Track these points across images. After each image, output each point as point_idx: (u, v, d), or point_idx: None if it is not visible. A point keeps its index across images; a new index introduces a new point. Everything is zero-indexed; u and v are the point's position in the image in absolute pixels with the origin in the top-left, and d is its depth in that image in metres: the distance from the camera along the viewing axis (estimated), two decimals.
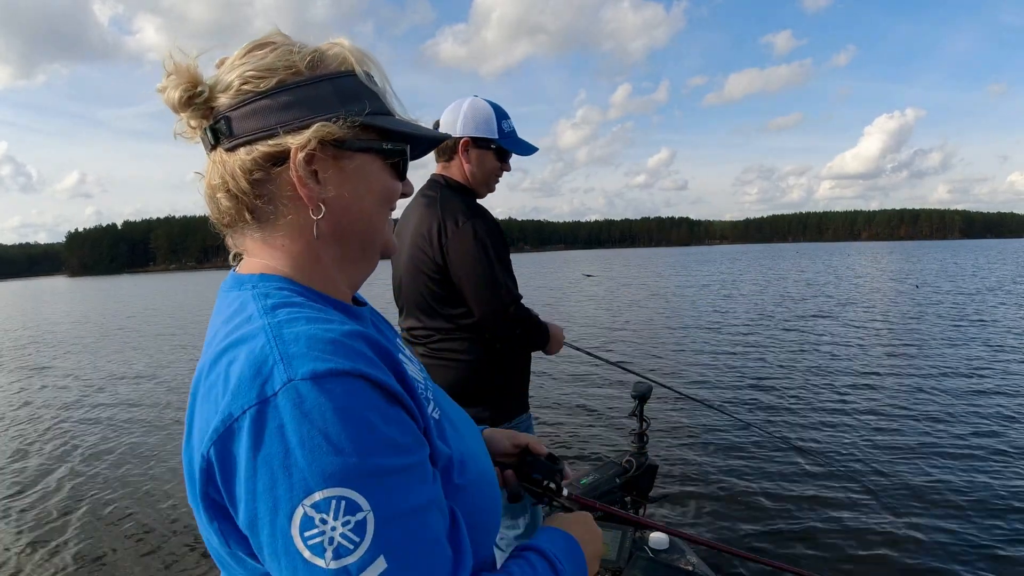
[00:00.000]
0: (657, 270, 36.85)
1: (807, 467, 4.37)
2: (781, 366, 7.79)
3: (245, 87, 0.59)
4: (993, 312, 12.26)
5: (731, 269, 36.10)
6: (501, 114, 1.74)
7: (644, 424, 2.16)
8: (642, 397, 2.18)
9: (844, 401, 6.03)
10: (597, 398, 6.59)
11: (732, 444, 4.92)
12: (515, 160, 1.84)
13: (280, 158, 0.58)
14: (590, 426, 5.57)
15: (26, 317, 24.61)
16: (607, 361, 2.81)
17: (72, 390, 8.55)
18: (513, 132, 1.78)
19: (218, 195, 0.61)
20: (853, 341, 9.46)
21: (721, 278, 27.37)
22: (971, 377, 6.77)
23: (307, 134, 0.57)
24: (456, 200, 1.70)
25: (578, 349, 2.37)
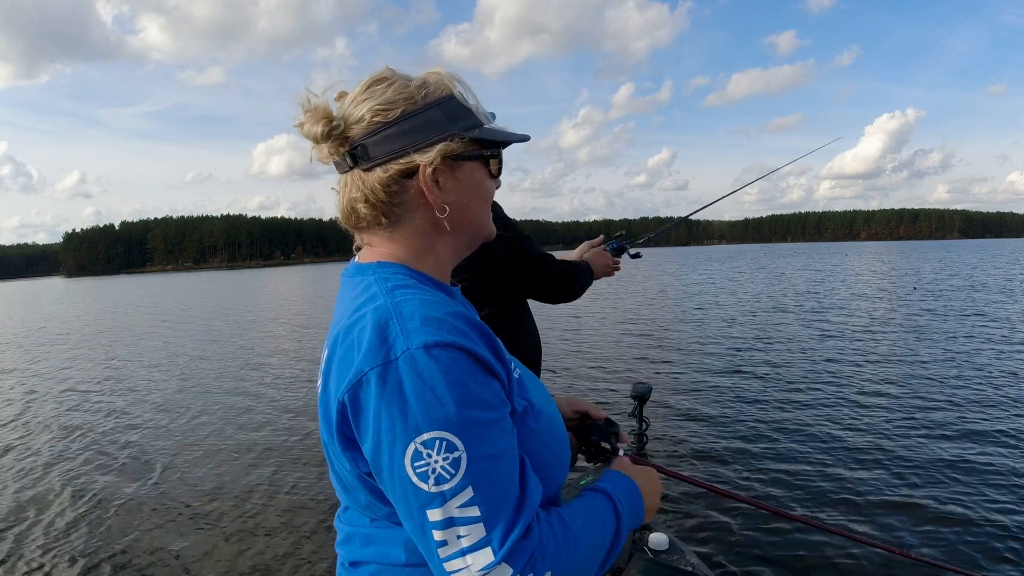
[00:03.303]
0: (655, 269, 36.85)
1: (813, 466, 4.38)
2: (783, 363, 7.81)
3: (376, 119, 0.72)
4: (998, 307, 12.30)
5: (724, 268, 36.12)
6: None
7: (643, 424, 2.16)
8: (641, 398, 2.17)
9: (852, 398, 6.05)
10: (596, 399, 6.60)
11: (733, 444, 4.93)
12: (515, 160, 1.84)
13: (411, 172, 0.72)
14: None
15: (42, 316, 24.59)
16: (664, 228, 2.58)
17: (112, 381, 8.63)
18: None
19: (359, 206, 0.74)
20: (856, 337, 9.49)
21: (721, 276, 27.38)
22: (972, 366, 6.82)
23: (432, 153, 0.71)
24: None
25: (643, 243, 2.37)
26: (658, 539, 1.74)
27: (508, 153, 0.80)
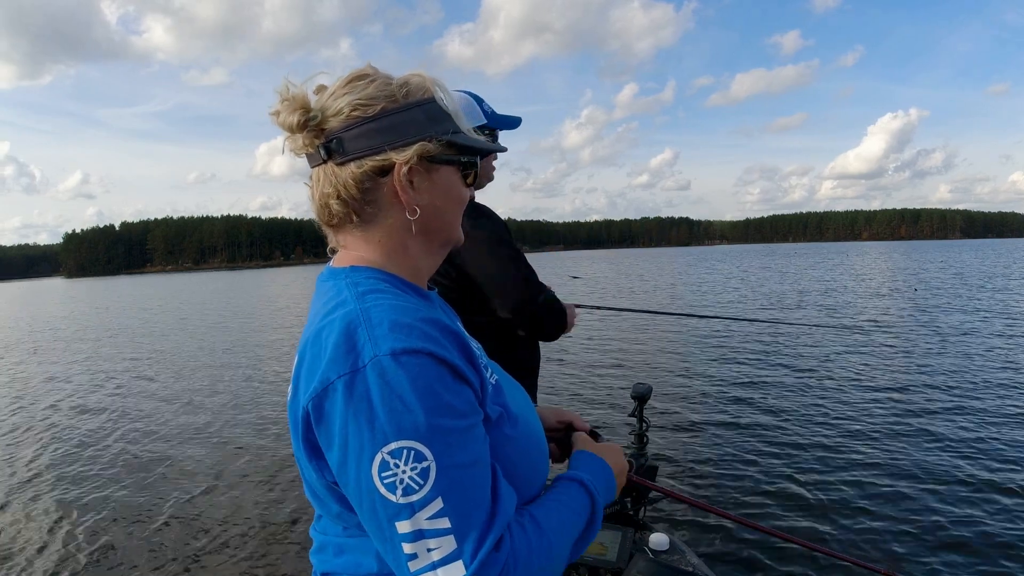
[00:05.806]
0: (657, 268, 36.89)
1: (812, 467, 4.37)
2: (786, 363, 7.79)
3: (355, 113, 0.70)
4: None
5: (727, 267, 36.11)
6: (478, 99, 1.68)
7: (644, 425, 2.16)
8: (641, 398, 2.17)
9: (856, 401, 6.03)
10: (596, 399, 6.59)
11: (734, 443, 4.92)
12: (518, 160, 1.79)
13: (385, 170, 0.71)
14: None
15: (46, 317, 24.60)
16: (619, 308, 2.76)
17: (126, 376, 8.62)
18: (493, 111, 1.72)
19: (330, 201, 0.73)
20: (860, 338, 9.46)
21: (724, 275, 27.37)
22: (974, 369, 6.81)
23: (410, 152, 0.71)
24: None
25: (591, 307, 2.45)
26: (659, 539, 1.74)
27: (510, 154, 0.79)
